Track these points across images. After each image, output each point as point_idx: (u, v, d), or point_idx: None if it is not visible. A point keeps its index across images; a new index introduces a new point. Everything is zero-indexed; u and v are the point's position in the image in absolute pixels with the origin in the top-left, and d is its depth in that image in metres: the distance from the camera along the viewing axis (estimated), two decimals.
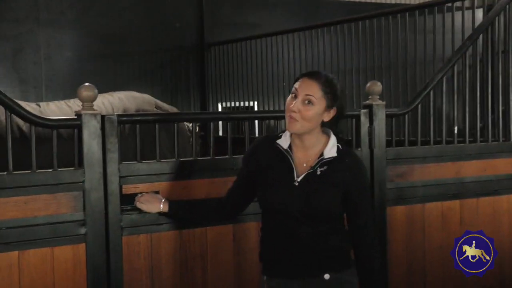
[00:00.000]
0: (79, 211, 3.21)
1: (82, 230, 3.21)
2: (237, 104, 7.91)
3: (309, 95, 2.70)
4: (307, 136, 2.76)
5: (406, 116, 4.28)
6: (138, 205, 3.28)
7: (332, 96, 2.74)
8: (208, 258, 3.51)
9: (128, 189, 3.34)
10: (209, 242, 3.51)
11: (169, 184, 3.42)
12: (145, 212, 3.31)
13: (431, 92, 4.35)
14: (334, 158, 2.76)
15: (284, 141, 2.81)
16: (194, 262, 3.47)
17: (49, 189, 3.16)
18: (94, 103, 5.22)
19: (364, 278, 2.82)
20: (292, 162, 2.78)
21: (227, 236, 3.54)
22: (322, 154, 2.76)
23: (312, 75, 2.76)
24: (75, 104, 5.36)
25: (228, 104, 8.06)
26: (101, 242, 3.24)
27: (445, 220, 4.23)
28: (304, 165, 2.78)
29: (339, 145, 2.80)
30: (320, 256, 2.75)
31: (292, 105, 2.70)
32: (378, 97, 4.08)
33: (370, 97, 4.08)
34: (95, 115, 3.25)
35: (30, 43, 7.45)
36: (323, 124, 2.79)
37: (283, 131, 2.87)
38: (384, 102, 4.09)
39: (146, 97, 5.90)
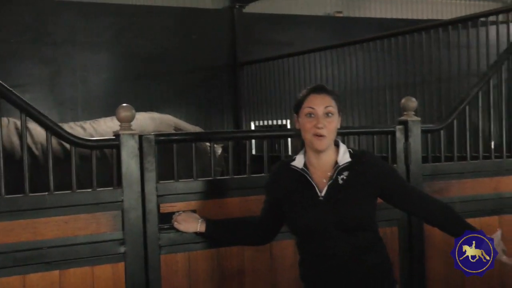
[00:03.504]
0: (118, 230, 3.25)
1: (122, 249, 3.24)
2: (270, 122, 7.93)
3: (329, 106, 2.74)
4: (326, 150, 2.77)
5: (442, 131, 4.25)
6: (176, 225, 3.29)
7: (339, 102, 2.81)
8: (246, 276, 3.51)
9: (166, 208, 3.37)
10: (246, 260, 3.52)
11: (205, 203, 3.44)
12: (182, 232, 3.34)
13: (467, 107, 4.31)
14: (350, 162, 2.77)
15: (298, 162, 2.83)
16: (232, 280, 3.48)
17: (89, 208, 3.20)
18: (109, 124, 5.31)
19: (455, 224, 2.88)
20: (311, 179, 2.78)
21: (264, 254, 3.54)
22: (336, 163, 2.77)
23: (318, 89, 2.79)
24: (90, 126, 5.45)
25: (261, 123, 8.09)
26: (140, 260, 3.26)
27: None
28: (324, 180, 2.78)
29: (350, 150, 2.83)
30: (360, 276, 2.73)
31: (317, 123, 2.71)
32: (413, 113, 4.07)
33: (405, 113, 4.07)
34: (133, 135, 3.30)
35: (66, 65, 7.61)
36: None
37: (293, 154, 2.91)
38: (419, 118, 4.07)
39: (165, 118, 5.90)
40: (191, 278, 3.39)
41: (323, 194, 2.74)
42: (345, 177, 2.74)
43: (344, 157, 2.78)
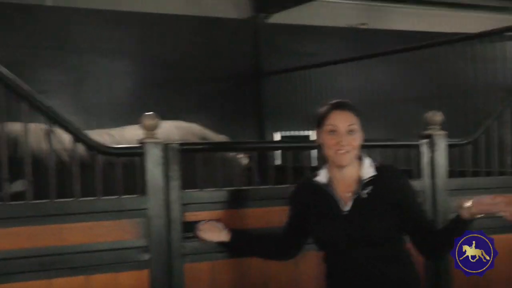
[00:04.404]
0: (143, 237, 3.26)
1: (146, 257, 3.25)
2: (294, 133, 7.92)
3: (352, 124, 2.74)
4: (349, 165, 2.78)
5: (468, 146, 4.21)
6: (200, 234, 3.28)
7: (360, 117, 2.79)
8: (270, 287, 3.50)
9: (190, 216, 3.37)
10: (271, 270, 3.50)
11: (229, 212, 3.44)
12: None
13: (495, 122, 4.27)
14: (374, 176, 2.76)
15: (322, 177, 2.84)
16: None
17: (113, 215, 3.22)
18: (137, 132, 5.32)
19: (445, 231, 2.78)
20: (334, 194, 2.78)
21: (289, 265, 3.51)
22: (360, 177, 2.77)
23: (341, 106, 2.79)
24: (118, 134, 5.46)
25: (285, 133, 8.08)
26: (163, 268, 3.27)
27: None
28: (347, 194, 2.78)
29: (375, 163, 2.82)
30: (391, 283, 2.71)
31: (340, 141, 2.72)
32: (439, 127, 4.04)
33: (430, 127, 4.04)
34: (157, 143, 3.31)
35: (91, 73, 7.66)
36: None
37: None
38: (445, 132, 4.04)
39: (192, 127, 5.89)
40: (214, 287, 3.38)
41: (347, 208, 2.75)
42: (369, 192, 2.75)
43: (368, 171, 2.78)
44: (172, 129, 5.55)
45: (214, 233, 3.24)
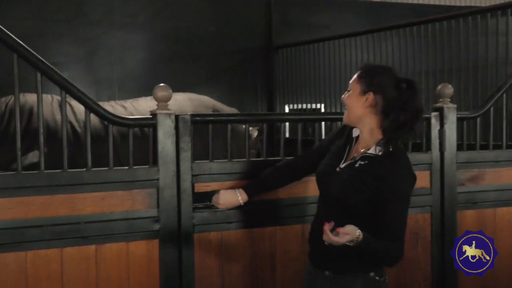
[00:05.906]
0: (153, 207, 3.31)
1: (156, 226, 3.30)
2: (304, 106, 7.93)
3: (350, 84, 2.85)
4: (361, 127, 2.83)
5: (478, 119, 4.22)
6: (216, 203, 3.29)
7: (366, 80, 2.78)
8: (277, 257, 3.56)
9: (200, 187, 3.42)
10: (278, 241, 3.55)
11: (239, 183, 3.47)
12: (216, 210, 3.38)
13: (504, 95, 4.27)
14: (375, 156, 2.73)
15: (356, 132, 2.91)
16: (263, 260, 3.52)
17: (125, 185, 3.27)
18: (150, 103, 5.37)
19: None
20: (347, 150, 2.87)
21: (296, 236, 3.58)
22: (368, 148, 2.80)
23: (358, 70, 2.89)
24: (131, 105, 5.50)
25: (295, 106, 8.09)
26: (173, 238, 3.32)
27: None
28: (355, 155, 2.83)
29: (392, 147, 2.71)
30: (328, 250, 2.67)
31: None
32: (449, 100, 4.05)
33: (440, 100, 4.05)
34: (169, 114, 3.34)
35: (104, 45, 7.68)
36: (386, 130, 2.72)
37: None
38: (455, 105, 4.05)
39: (204, 99, 5.91)
40: (223, 257, 3.44)
41: (341, 166, 2.82)
42: (362, 164, 2.75)
43: (376, 149, 2.76)
44: (185, 101, 5.58)
45: (230, 199, 3.27)
